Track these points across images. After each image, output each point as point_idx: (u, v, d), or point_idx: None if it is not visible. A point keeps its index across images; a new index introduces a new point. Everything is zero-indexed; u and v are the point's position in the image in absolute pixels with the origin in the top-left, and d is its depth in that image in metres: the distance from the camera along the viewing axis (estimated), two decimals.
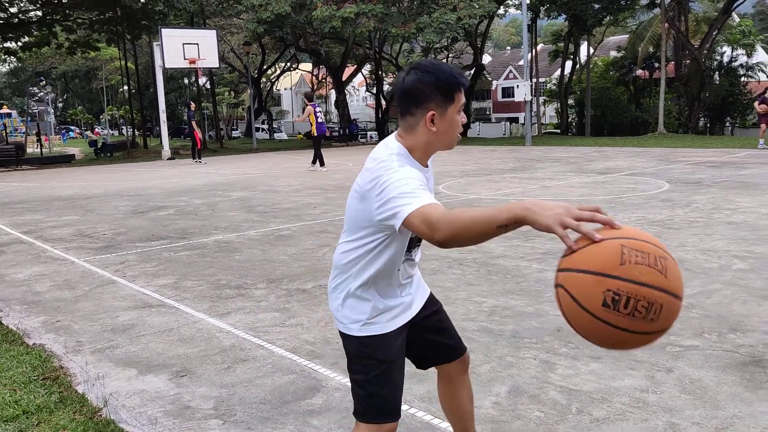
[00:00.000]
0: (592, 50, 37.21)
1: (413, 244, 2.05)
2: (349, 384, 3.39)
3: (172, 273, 6.02)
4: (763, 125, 17.81)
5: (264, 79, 50.35)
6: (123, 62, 35.59)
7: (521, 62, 33.24)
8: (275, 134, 52.28)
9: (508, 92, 56.08)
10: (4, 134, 31.25)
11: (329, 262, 6.23)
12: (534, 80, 30.64)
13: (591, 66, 36.50)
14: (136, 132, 36.51)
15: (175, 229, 8.44)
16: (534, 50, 36.52)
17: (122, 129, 69.07)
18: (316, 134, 16.14)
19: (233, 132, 57.20)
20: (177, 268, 6.22)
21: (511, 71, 56.87)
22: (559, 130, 39.17)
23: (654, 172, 12.68)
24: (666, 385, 3.24)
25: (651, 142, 22.42)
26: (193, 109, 23.00)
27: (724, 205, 8.43)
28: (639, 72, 38.63)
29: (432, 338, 2.24)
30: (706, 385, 3.23)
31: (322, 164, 16.22)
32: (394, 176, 1.79)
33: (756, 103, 18.40)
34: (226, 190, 13.07)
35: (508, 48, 75.37)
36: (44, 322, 4.68)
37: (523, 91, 24.03)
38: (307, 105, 16.58)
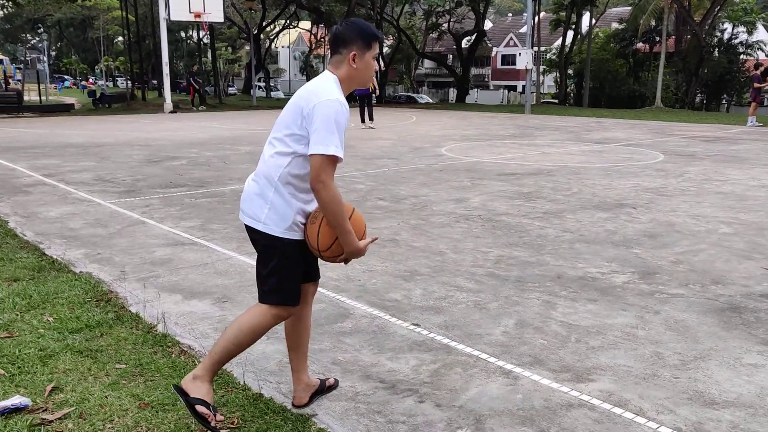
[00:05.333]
0: (593, 21, 37.25)
1: None
2: (374, 312, 3.84)
3: (196, 217, 6.42)
4: (754, 103, 18.27)
5: (263, 36, 50.04)
6: (124, 12, 35.33)
7: (522, 29, 33.28)
8: (272, 92, 52.21)
9: (507, 60, 55.99)
10: (2, 80, 31.12)
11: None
12: (535, 49, 30.73)
13: (592, 37, 36.57)
14: (134, 84, 36.41)
15: (192, 178, 8.81)
16: (537, 18, 36.51)
17: (117, 81, 68.46)
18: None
19: (229, 89, 56.99)
20: (200, 212, 6.62)
21: (511, 38, 56.69)
22: (557, 100, 39.41)
23: (650, 144, 13.09)
24: (653, 324, 3.70)
25: (648, 115, 22.77)
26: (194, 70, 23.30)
27: (714, 177, 8.87)
28: (639, 45, 38.75)
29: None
30: (689, 325, 3.69)
31: (371, 119, 17.44)
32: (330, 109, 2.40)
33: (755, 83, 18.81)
34: (233, 144, 13.39)
35: (510, 15, 74.80)
36: (86, 254, 5.08)
37: (524, 59, 24.22)
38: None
